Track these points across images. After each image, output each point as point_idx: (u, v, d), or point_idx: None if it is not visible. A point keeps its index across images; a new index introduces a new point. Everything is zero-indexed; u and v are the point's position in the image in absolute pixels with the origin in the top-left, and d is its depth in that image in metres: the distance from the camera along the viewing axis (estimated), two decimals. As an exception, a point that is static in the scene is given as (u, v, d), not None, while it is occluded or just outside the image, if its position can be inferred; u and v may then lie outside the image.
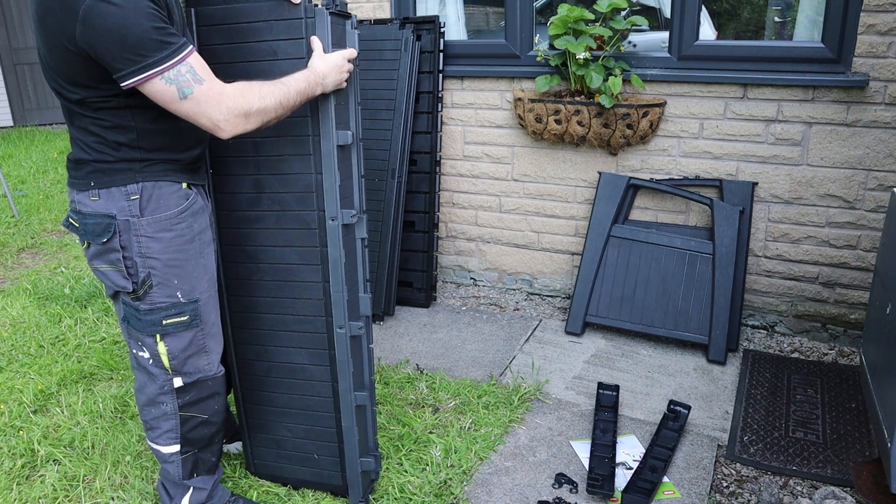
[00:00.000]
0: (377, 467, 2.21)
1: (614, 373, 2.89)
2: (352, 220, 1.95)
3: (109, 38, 1.45)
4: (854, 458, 2.32)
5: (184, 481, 1.96)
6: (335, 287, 1.96)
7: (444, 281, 3.83)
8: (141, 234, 1.67)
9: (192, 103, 1.54)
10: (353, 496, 2.14)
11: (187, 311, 1.76)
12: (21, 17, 8.68)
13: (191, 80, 1.52)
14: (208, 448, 1.98)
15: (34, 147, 7.64)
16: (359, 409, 2.09)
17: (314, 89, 1.72)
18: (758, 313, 3.19)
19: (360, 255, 2.06)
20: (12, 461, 2.42)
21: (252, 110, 1.59)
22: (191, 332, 1.79)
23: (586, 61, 2.99)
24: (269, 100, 1.62)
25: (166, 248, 1.70)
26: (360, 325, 2.02)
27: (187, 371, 1.83)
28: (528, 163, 3.43)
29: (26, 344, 3.24)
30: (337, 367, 2.04)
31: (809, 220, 2.97)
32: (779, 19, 3.56)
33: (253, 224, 1.99)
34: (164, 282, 1.72)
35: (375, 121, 3.35)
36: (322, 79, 1.73)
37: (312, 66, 1.73)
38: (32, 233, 4.91)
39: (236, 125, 1.59)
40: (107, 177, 1.65)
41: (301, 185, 1.92)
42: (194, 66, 1.54)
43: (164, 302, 1.73)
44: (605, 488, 2.16)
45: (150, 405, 1.87)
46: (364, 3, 3.56)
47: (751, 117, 2.95)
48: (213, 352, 1.87)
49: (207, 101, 1.54)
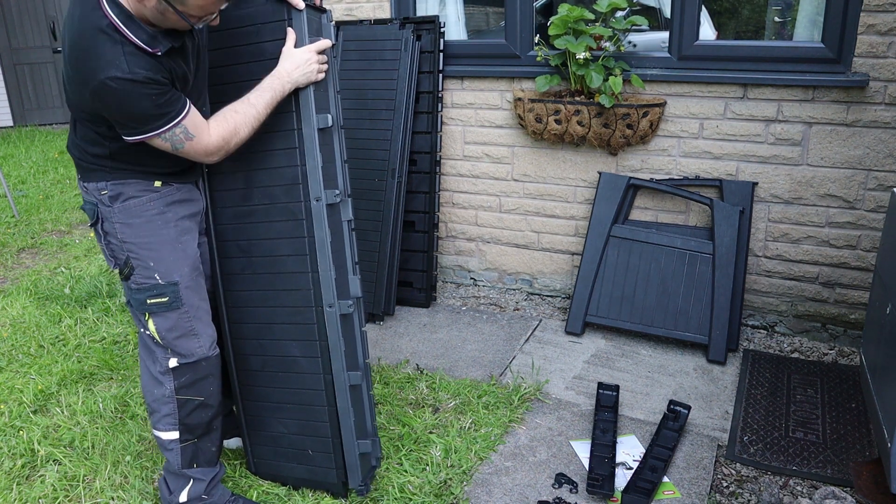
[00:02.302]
0: (377, 453, 2.22)
1: (614, 373, 2.89)
2: (335, 200, 2.02)
3: (116, 111, 1.68)
4: (854, 458, 2.33)
5: (183, 470, 2.01)
6: (322, 266, 2.01)
7: (444, 281, 3.83)
8: (115, 221, 1.86)
9: (183, 153, 1.79)
10: (353, 480, 2.13)
11: (167, 293, 1.88)
12: (21, 17, 8.68)
13: (183, 139, 1.76)
14: (207, 436, 2.02)
15: (34, 147, 7.64)
16: (353, 390, 2.10)
17: (284, 90, 1.89)
18: (758, 313, 3.19)
19: (346, 237, 2.11)
20: (12, 461, 2.42)
21: (230, 146, 1.85)
22: (174, 314, 1.90)
23: (586, 61, 2.99)
24: (244, 130, 1.86)
25: (138, 232, 1.86)
26: (350, 304, 2.06)
27: (179, 352, 1.93)
28: (528, 163, 3.43)
29: (26, 344, 3.24)
30: (330, 350, 2.07)
31: (809, 220, 2.97)
32: (779, 19, 3.57)
33: (245, 219, 2.05)
34: (142, 263, 1.87)
35: (375, 121, 3.35)
36: (289, 76, 1.89)
37: (278, 69, 1.89)
38: (32, 233, 4.92)
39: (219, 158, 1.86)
40: (87, 173, 1.87)
41: (288, 177, 2.00)
42: (187, 127, 1.75)
43: (145, 283, 1.88)
44: (605, 488, 2.16)
45: (151, 383, 1.97)
46: (364, 3, 3.56)
47: (751, 117, 2.95)
48: (203, 335, 1.95)
49: (195, 152, 1.80)
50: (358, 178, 3.38)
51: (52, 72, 8.91)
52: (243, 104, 1.86)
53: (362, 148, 3.37)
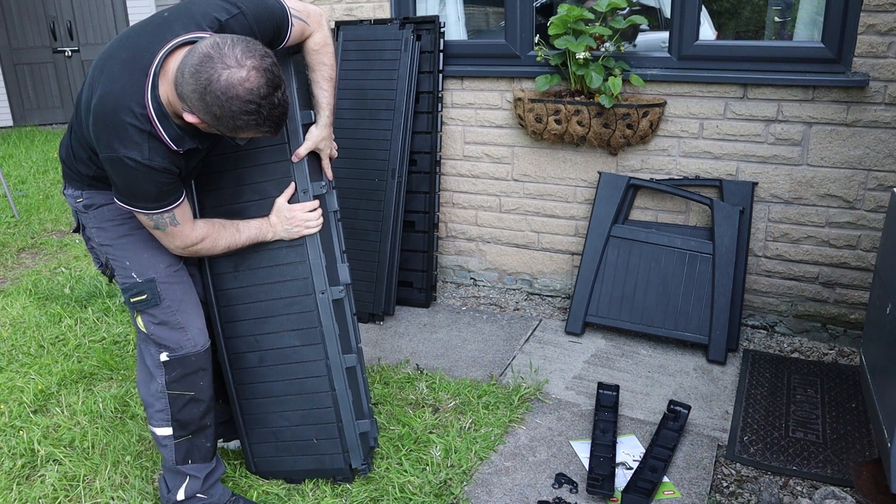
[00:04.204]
0: (374, 433, 2.29)
1: (614, 373, 2.89)
2: (322, 191, 2.11)
3: (121, 182, 1.73)
4: (854, 458, 2.33)
5: (178, 466, 2.03)
6: (313, 254, 2.08)
7: (444, 281, 3.83)
8: (91, 227, 1.93)
9: (160, 233, 1.85)
10: (355, 460, 2.19)
11: (145, 290, 1.92)
12: (21, 17, 8.68)
13: (168, 223, 1.82)
14: (202, 433, 2.04)
15: (34, 147, 7.64)
16: (349, 372, 2.17)
17: (265, 237, 2.06)
18: (758, 313, 3.19)
19: (333, 227, 2.20)
20: (12, 461, 2.42)
21: (202, 248, 1.94)
22: (157, 310, 1.93)
23: (586, 61, 2.99)
24: (220, 245, 1.97)
25: (112, 234, 1.92)
26: (341, 289, 2.15)
27: (168, 345, 1.95)
28: (528, 163, 3.43)
29: (26, 344, 3.24)
30: (325, 335, 2.12)
31: (809, 220, 2.97)
32: (779, 19, 3.56)
33: (236, 217, 2.08)
34: (119, 263, 1.93)
35: (375, 121, 3.35)
36: (273, 229, 2.06)
37: (269, 217, 2.06)
38: (32, 233, 4.91)
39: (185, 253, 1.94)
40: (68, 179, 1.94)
41: (279, 172, 2.07)
42: (175, 215, 1.82)
43: (125, 282, 1.93)
44: (605, 488, 2.16)
45: (146, 377, 2.01)
46: (364, 3, 3.56)
47: (751, 117, 2.95)
48: (190, 327, 1.97)
49: (172, 237, 1.86)
50: (358, 178, 3.38)
51: (52, 72, 8.91)
52: (232, 226, 2.00)
53: (362, 148, 3.37)
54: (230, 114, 1.60)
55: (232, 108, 1.59)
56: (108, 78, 1.68)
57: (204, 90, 1.58)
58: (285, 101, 1.67)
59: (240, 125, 1.63)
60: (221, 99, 1.57)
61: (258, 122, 1.63)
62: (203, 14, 1.72)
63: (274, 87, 1.62)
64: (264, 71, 1.59)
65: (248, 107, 1.59)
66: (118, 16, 8.88)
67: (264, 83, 1.59)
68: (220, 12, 1.74)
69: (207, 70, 1.56)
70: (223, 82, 1.56)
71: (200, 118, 1.64)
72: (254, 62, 1.59)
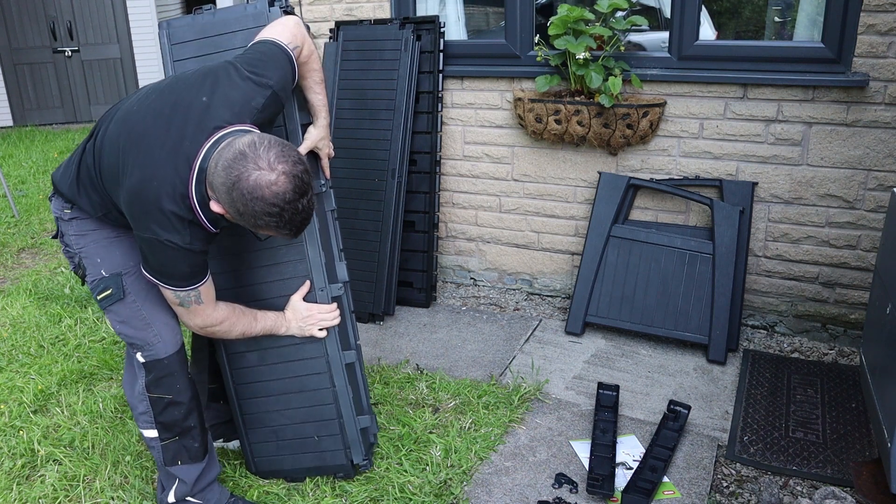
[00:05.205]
0: (374, 429, 2.31)
1: (614, 373, 2.89)
2: (321, 190, 2.14)
3: (154, 259, 1.78)
4: (854, 458, 2.33)
5: (166, 468, 2.03)
6: (312, 251, 2.09)
7: (444, 281, 3.83)
8: (70, 234, 1.95)
9: (182, 310, 1.88)
10: (356, 456, 2.21)
11: (110, 285, 1.93)
12: (21, 17, 8.68)
13: (193, 301, 1.86)
14: (187, 434, 2.03)
15: (34, 147, 7.63)
16: (348, 368, 2.19)
17: (278, 331, 2.11)
18: (758, 313, 3.19)
19: (331, 225, 2.22)
20: (12, 461, 2.42)
21: (219, 330, 1.97)
22: (121, 306, 1.94)
23: (586, 61, 2.99)
24: (236, 330, 2.00)
25: (89, 239, 1.95)
26: (340, 286, 2.17)
27: (137, 343, 1.96)
28: (528, 163, 3.43)
29: (26, 344, 3.24)
30: None
31: (809, 220, 2.97)
32: (779, 19, 3.57)
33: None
34: (91, 261, 1.94)
35: (375, 121, 3.35)
36: (287, 324, 2.11)
37: (285, 314, 2.11)
38: (32, 233, 4.92)
39: (202, 332, 1.98)
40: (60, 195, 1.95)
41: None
42: (201, 294, 1.86)
43: (94, 279, 1.95)
44: (605, 488, 2.16)
45: (130, 379, 2.04)
46: (364, 3, 3.56)
47: (751, 117, 2.95)
48: (156, 322, 1.96)
49: (194, 315, 1.89)
50: (358, 177, 3.38)
51: (52, 72, 8.90)
52: (251, 314, 2.04)
53: (362, 148, 3.37)
54: (252, 212, 1.63)
55: (255, 208, 1.62)
56: (147, 160, 1.71)
57: (232, 186, 1.61)
58: (310, 208, 1.70)
59: (260, 224, 1.67)
60: (247, 197, 1.61)
61: (279, 225, 1.66)
62: (243, 102, 1.77)
63: (300, 193, 1.65)
64: (293, 177, 1.63)
65: (272, 209, 1.63)
66: (118, 16, 8.88)
67: (291, 189, 1.63)
68: (256, 97, 1.79)
69: (239, 167, 1.60)
70: (251, 182, 1.60)
71: (225, 209, 1.68)
72: (285, 167, 1.62)
